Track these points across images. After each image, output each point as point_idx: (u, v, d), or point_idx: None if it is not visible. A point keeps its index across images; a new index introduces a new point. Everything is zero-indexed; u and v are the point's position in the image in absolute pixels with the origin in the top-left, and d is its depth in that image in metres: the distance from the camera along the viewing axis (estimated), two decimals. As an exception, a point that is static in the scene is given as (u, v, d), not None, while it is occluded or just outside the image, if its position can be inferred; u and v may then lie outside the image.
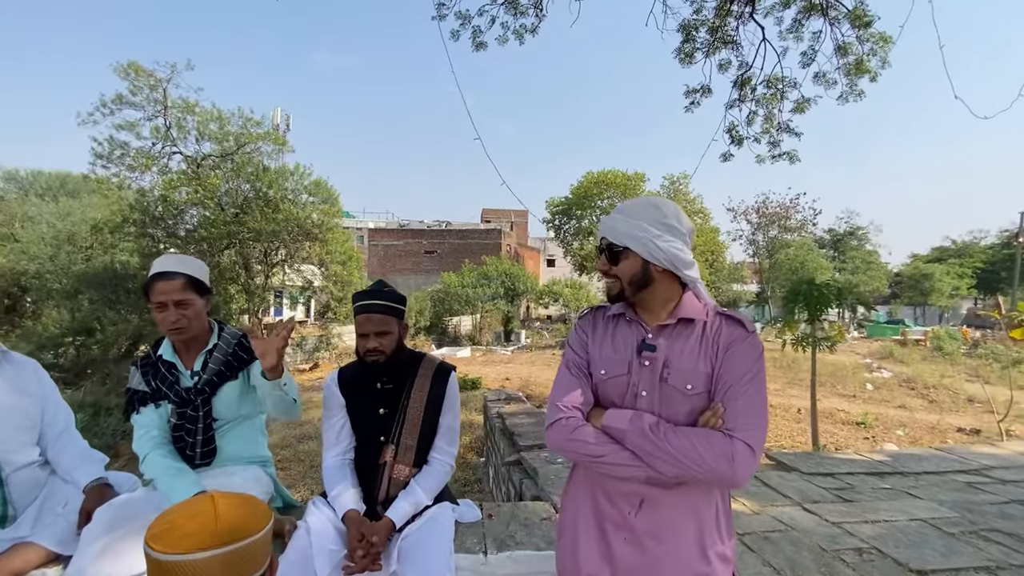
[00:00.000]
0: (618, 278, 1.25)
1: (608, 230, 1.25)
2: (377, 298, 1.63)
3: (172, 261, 1.71)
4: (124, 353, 13.50)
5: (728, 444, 1.09)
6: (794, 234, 35.61)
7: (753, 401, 1.14)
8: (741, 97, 8.23)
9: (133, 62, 11.91)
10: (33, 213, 16.88)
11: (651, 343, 1.23)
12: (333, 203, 15.60)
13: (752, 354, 1.19)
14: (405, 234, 36.53)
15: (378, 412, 1.68)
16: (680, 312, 1.24)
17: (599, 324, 1.34)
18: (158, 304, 1.64)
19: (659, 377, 1.20)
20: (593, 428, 1.20)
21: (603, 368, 1.26)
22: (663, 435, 1.12)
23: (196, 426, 1.67)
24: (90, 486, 1.61)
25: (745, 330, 1.21)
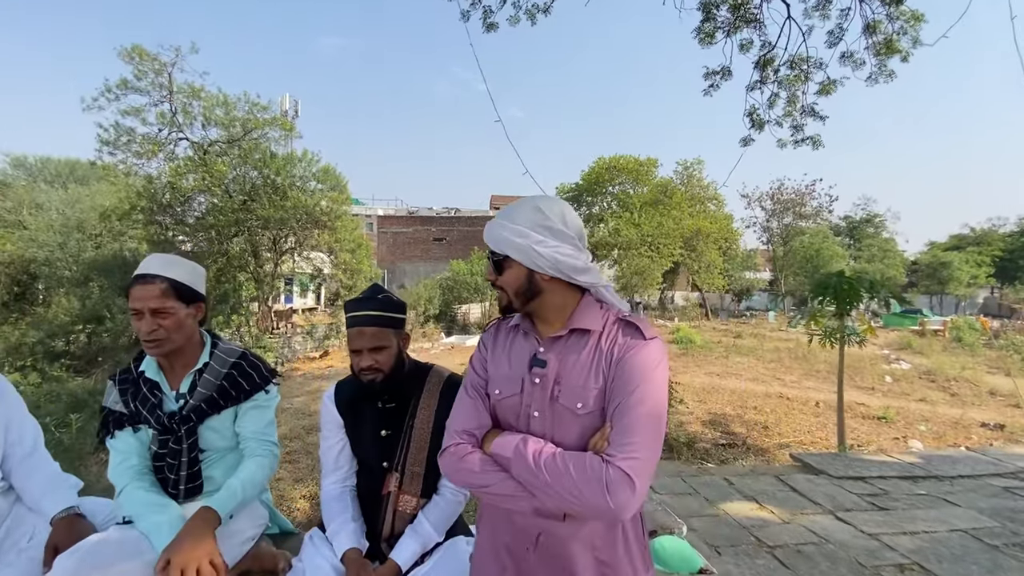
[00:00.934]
0: (504, 289, 1.13)
1: (489, 237, 1.13)
2: (370, 308, 1.42)
3: (155, 262, 1.49)
4: (134, 341, 13.53)
5: (603, 471, 0.96)
6: (809, 221, 34.95)
7: (640, 420, 1.00)
8: (763, 79, 7.87)
9: (137, 46, 11.73)
10: (42, 200, 16.89)
11: (542, 358, 1.11)
12: (342, 190, 15.42)
13: (646, 364, 1.04)
14: (414, 221, 36.31)
15: (380, 434, 1.49)
16: (575, 321, 1.11)
17: (500, 338, 1.23)
18: (134, 311, 1.43)
19: (550, 396, 1.08)
20: (481, 456, 1.10)
21: (498, 387, 1.16)
22: (543, 464, 1.00)
23: (179, 459, 1.47)
24: (59, 517, 1.40)
25: (642, 336, 1.07)
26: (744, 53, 7.74)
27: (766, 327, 24.51)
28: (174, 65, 12.06)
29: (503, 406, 1.15)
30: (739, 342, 17.09)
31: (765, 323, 26.78)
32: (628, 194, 30.74)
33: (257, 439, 1.55)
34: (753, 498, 3.29)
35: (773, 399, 8.99)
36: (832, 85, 7.56)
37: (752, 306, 36.64)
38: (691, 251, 29.09)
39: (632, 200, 29.72)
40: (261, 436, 1.56)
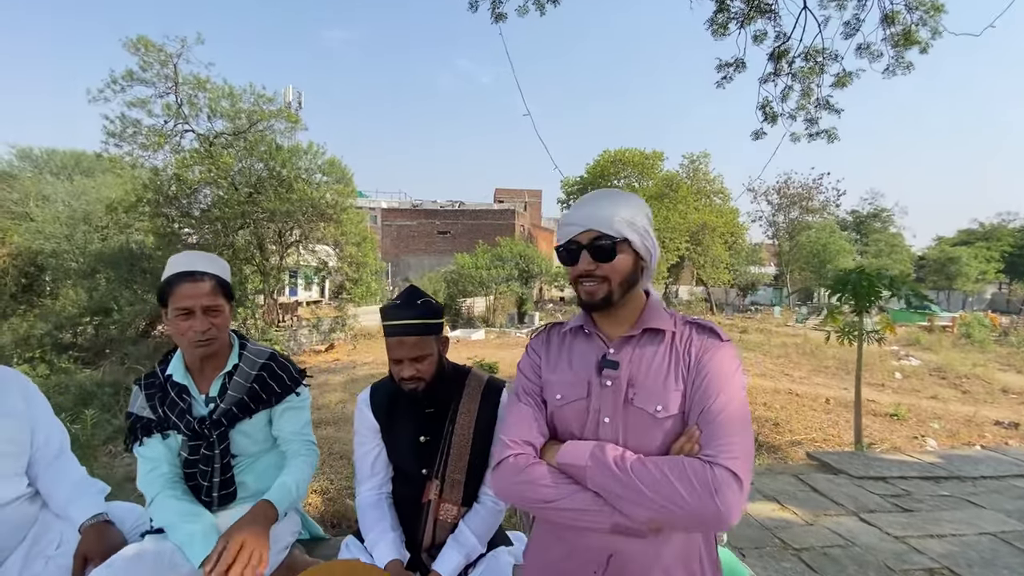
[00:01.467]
0: (607, 279, 1.04)
1: (596, 220, 1.03)
2: (410, 316, 1.34)
3: (199, 258, 1.43)
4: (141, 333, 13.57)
5: (708, 473, 0.90)
6: (816, 215, 34.73)
7: (734, 420, 0.96)
8: (777, 71, 7.75)
9: (143, 36, 11.63)
10: (48, 192, 16.88)
11: (612, 359, 1.05)
12: (347, 183, 15.33)
13: (729, 365, 1.02)
14: (418, 214, 36.22)
15: (418, 440, 1.43)
16: (646, 321, 1.07)
17: (553, 343, 1.18)
18: (183, 311, 1.37)
19: (623, 399, 1.03)
20: (547, 467, 1.01)
21: (559, 392, 1.08)
22: (630, 469, 0.93)
23: (212, 466, 1.41)
24: (87, 524, 1.35)
25: (718, 338, 1.05)
26: (758, 44, 7.60)
27: (772, 322, 24.39)
28: (180, 56, 11.97)
29: (565, 412, 1.07)
30: (745, 337, 17.01)
31: (771, 318, 26.66)
32: (634, 187, 30.56)
33: (298, 439, 1.51)
34: (774, 498, 3.24)
35: (782, 395, 8.93)
36: (848, 77, 7.44)
37: (757, 301, 36.51)
38: (696, 245, 28.95)
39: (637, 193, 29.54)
40: (301, 436, 1.52)
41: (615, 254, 1.03)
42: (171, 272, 1.41)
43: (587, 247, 1.04)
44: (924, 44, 6.89)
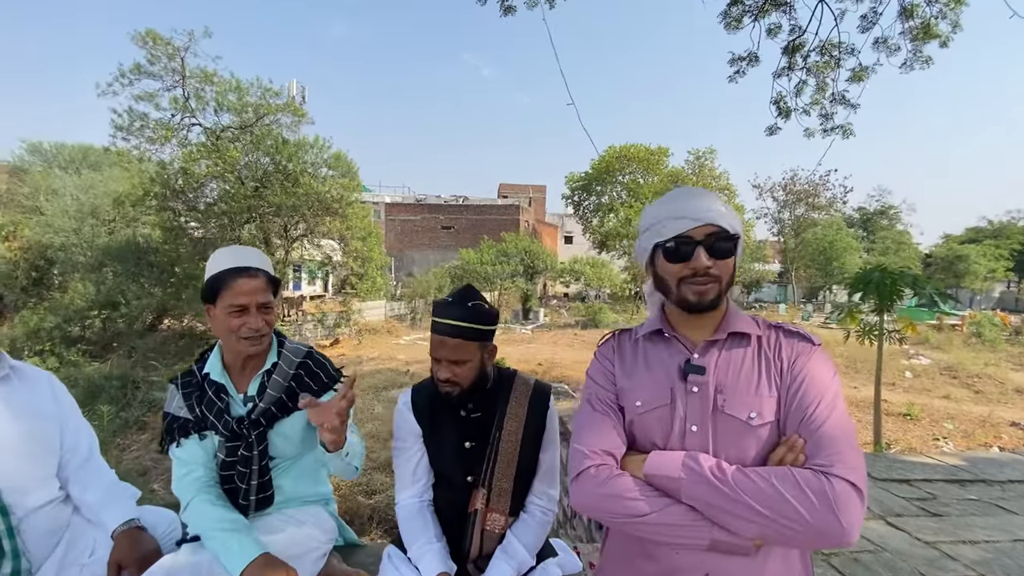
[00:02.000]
0: (718, 279, 0.98)
1: (717, 215, 0.98)
2: (456, 317, 1.27)
3: (250, 254, 1.38)
4: (148, 327, 13.58)
5: (826, 485, 0.83)
6: (822, 212, 34.46)
7: (839, 428, 0.90)
8: (791, 65, 7.64)
9: (151, 30, 11.59)
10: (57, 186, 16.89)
11: (698, 364, 0.99)
12: (353, 177, 15.29)
13: (826, 371, 0.97)
14: (422, 209, 36.14)
15: (463, 446, 1.37)
16: (731, 325, 1.01)
17: (626, 349, 1.11)
18: (237, 308, 1.31)
19: (712, 406, 0.97)
20: (632, 479, 0.94)
21: (638, 399, 1.02)
22: (732, 481, 0.86)
23: (250, 468, 1.36)
24: (120, 530, 1.30)
25: (810, 342, 1.00)
26: (772, 38, 7.50)
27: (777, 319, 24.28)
28: (187, 49, 11.93)
29: (647, 420, 1.01)
30: (753, 335, 16.94)
31: (776, 315, 26.58)
32: (638, 183, 30.41)
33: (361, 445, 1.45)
34: (797, 501, 3.19)
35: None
36: (864, 72, 7.31)
37: (761, 298, 36.37)
38: (702, 242, 28.80)
39: (642, 190, 29.40)
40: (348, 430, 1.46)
41: (733, 252, 0.99)
42: (222, 267, 1.34)
43: (703, 243, 0.97)
44: (944, 37, 6.77)
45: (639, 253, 1.09)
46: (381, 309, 20.71)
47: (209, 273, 1.35)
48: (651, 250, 1.04)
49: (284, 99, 13.61)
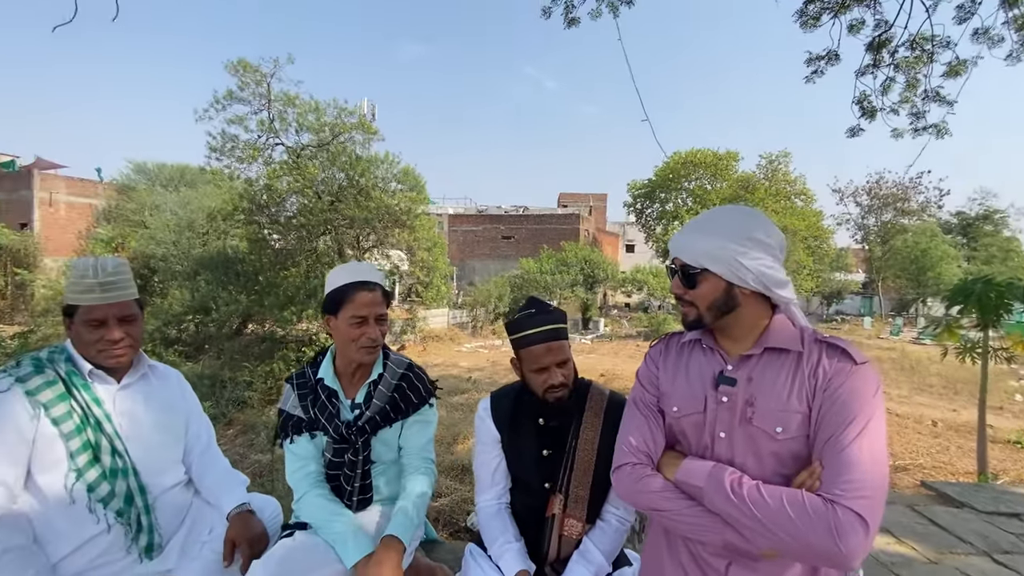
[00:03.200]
0: (694, 304, 1.08)
1: (680, 249, 1.09)
2: (551, 322, 1.35)
3: (368, 269, 1.49)
4: (235, 331, 14.73)
5: (830, 514, 0.87)
6: (913, 218, 31.64)
7: (864, 455, 0.91)
8: (876, 62, 7.15)
9: (242, 59, 12.70)
10: (159, 202, 18.83)
11: (730, 376, 1.06)
12: (420, 191, 15.92)
13: (863, 392, 0.96)
14: (483, 219, 36.82)
15: (541, 453, 1.42)
16: (768, 340, 1.05)
17: (672, 353, 1.19)
18: (358, 319, 1.43)
19: (740, 417, 1.03)
20: (663, 481, 1.06)
21: (675, 404, 1.12)
22: (747, 496, 0.94)
23: (355, 471, 1.48)
24: (234, 512, 1.46)
25: (851, 360, 1.00)
26: (854, 35, 7.05)
27: (861, 333, 22.50)
28: (272, 75, 12.94)
29: (682, 425, 1.11)
30: (832, 349, 15.79)
31: (860, 329, 24.63)
32: (705, 190, 29.38)
33: (419, 456, 1.54)
34: (887, 530, 2.96)
35: (880, 415, 8.19)
36: (962, 66, 6.71)
37: (843, 310, 33.83)
38: (775, 250, 27.29)
39: (710, 196, 28.37)
40: (423, 452, 1.55)
41: (696, 283, 1.07)
42: (344, 282, 1.45)
43: (678, 272, 1.10)
44: (1059, 24, 6.09)
45: None
46: (444, 317, 21.28)
47: (330, 287, 1.46)
48: None
49: (356, 118, 14.43)
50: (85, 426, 1.32)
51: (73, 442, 1.29)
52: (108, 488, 1.32)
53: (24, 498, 1.26)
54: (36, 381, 1.29)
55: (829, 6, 7.09)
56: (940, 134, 7.14)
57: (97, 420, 1.34)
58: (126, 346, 1.39)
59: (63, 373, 1.33)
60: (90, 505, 1.30)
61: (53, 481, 1.27)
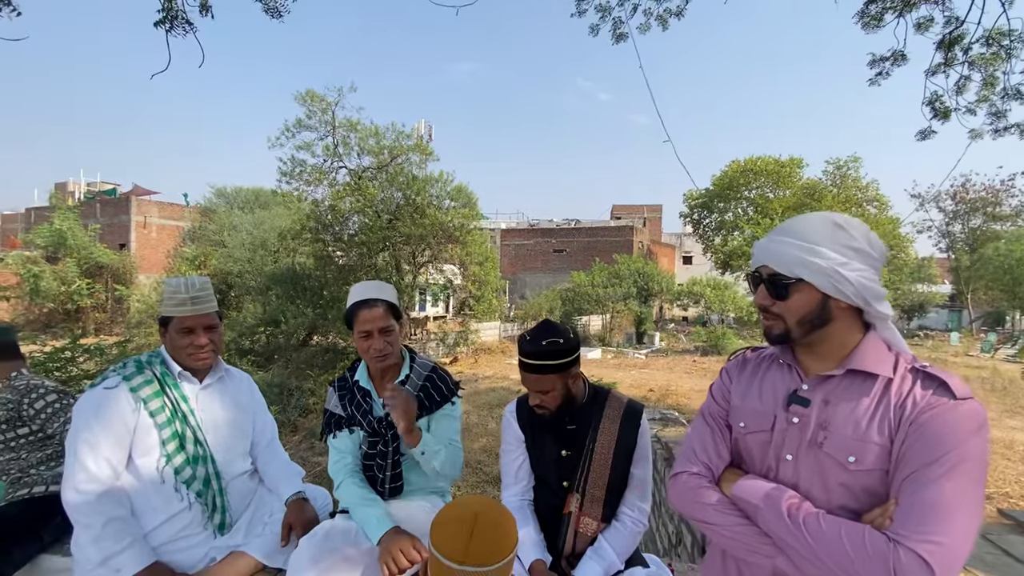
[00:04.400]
0: (781, 317, 0.99)
1: (770, 256, 0.99)
2: (533, 355, 1.43)
3: (371, 288, 1.69)
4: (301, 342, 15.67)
5: (890, 552, 0.80)
6: (1007, 223, 28.73)
7: (946, 498, 0.81)
8: (948, 61, 6.74)
9: (310, 90, 13.77)
10: (236, 223, 20.48)
11: (804, 396, 1.00)
12: (472, 207, 16.40)
13: (958, 430, 0.85)
14: (535, 233, 37.13)
15: (560, 453, 1.53)
16: (854, 360, 0.96)
17: (748, 368, 1.14)
18: (364, 333, 1.62)
19: (811, 441, 0.97)
20: (719, 495, 1.03)
21: (743, 420, 1.08)
22: (802, 522, 0.89)
23: (386, 461, 1.66)
24: (291, 499, 1.68)
25: (950, 394, 0.88)
26: (922, 33, 6.69)
27: (947, 350, 20.60)
28: (337, 103, 13.92)
29: (748, 442, 1.07)
30: (911, 367, 14.58)
31: (946, 346, 22.54)
32: (767, 198, 28.16)
33: (448, 444, 1.70)
34: (952, 559, 2.78)
35: (964, 439, 7.50)
36: (1048, 60, 6.21)
37: (927, 325, 31.10)
38: (846, 261, 25.59)
39: (772, 205, 27.15)
40: (451, 441, 1.72)
41: (789, 293, 0.98)
42: (352, 301, 1.66)
43: (765, 281, 1.01)
44: None
45: None
46: (496, 330, 21.59)
47: (347, 304, 1.69)
48: None
49: (413, 140, 15.18)
50: (174, 418, 1.57)
51: (164, 431, 1.54)
52: (191, 472, 1.56)
53: (125, 477, 1.51)
54: (138, 380, 1.55)
55: (892, 5, 6.78)
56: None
57: (184, 414, 1.59)
58: (210, 350, 1.64)
59: (158, 374, 1.59)
60: (176, 485, 1.54)
61: (148, 463, 1.52)
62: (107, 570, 1.39)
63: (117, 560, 1.39)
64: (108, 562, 1.39)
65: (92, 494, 1.41)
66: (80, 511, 1.40)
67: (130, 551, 1.41)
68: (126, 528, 1.44)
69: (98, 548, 1.38)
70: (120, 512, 1.44)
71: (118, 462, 1.48)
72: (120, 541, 1.40)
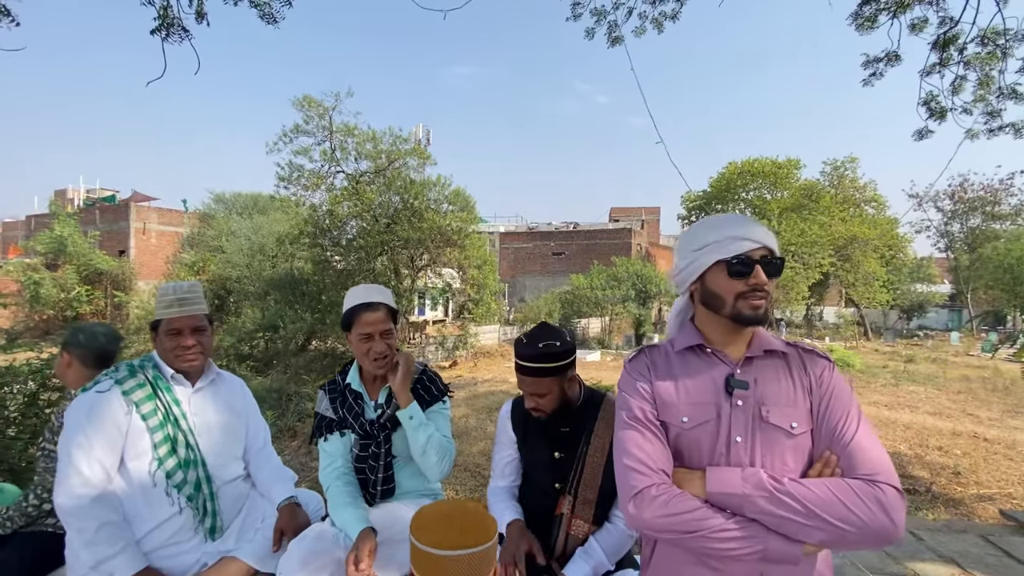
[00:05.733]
0: (768, 296, 1.08)
1: (770, 239, 1.10)
2: (528, 358, 1.43)
3: (372, 291, 1.69)
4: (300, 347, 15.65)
5: (879, 493, 0.93)
6: (1006, 222, 28.79)
7: (869, 439, 1.00)
8: (943, 61, 6.74)
9: (307, 95, 13.79)
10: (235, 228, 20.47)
11: (741, 378, 1.07)
12: (470, 211, 16.42)
13: (847, 387, 1.08)
14: (534, 236, 37.15)
15: (553, 455, 1.53)
16: (763, 343, 1.11)
17: (660, 364, 1.16)
18: (364, 335, 1.62)
19: (755, 416, 1.05)
20: (695, 499, 0.99)
21: (684, 414, 1.08)
22: (791, 491, 0.94)
23: (378, 463, 1.66)
24: (283, 504, 1.67)
25: (826, 358, 1.11)
26: (916, 34, 6.71)
27: (948, 350, 20.59)
28: (334, 109, 13.96)
29: (694, 435, 1.07)
30: (912, 367, 14.59)
31: (946, 345, 22.54)
32: (764, 199, 28.24)
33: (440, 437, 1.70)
34: (952, 559, 2.77)
35: (964, 439, 7.48)
36: (1042, 59, 6.24)
37: (927, 325, 31.10)
38: (844, 261, 25.68)
39: (770, 206, 27.21)
40: (443, 435, 1.71)
41: (780, 272, 1.10)
42: (353, 303, 1.65)
43: (760, 263, 1.07)
44: None
45: (689, 270, 1.14)
46: (495, 333, 21.56)
47: (344, 309, 1.68)
48: (708, 266, 1.09)
49: (411, 144, 15.21)
50: (167, 422, 1.56)
51: (156, 435, 1.53)
52: (182, 476, 1.54)
53: (117, 481, 1.50)
54: (130, 383, 1.54)
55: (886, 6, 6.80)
56: (1020, 133, 6.61)
57: (176, 417, 1.58)
58: (197, 352, 1.62)
59: (150, 377, 1.58)
60: (167, 489, 1.52)
61: (139, 467, 1.51)
62: (100, 574, 1.38)
63: (110, 564, 1.38)
64: (101, 566, 1.38)
65: (86, 498, 1.40)
66: (74, 515, 1.39)
67: (123, 555, 1.40)
68: (119, 533, 1.43)
69: (91, 552, 1.37)
70: (113, 517, 1.44)
71: (111, 466, 1.47)
72: (113, 545, 1.40)
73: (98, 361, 1.85)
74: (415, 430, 1.60)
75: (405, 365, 1.61)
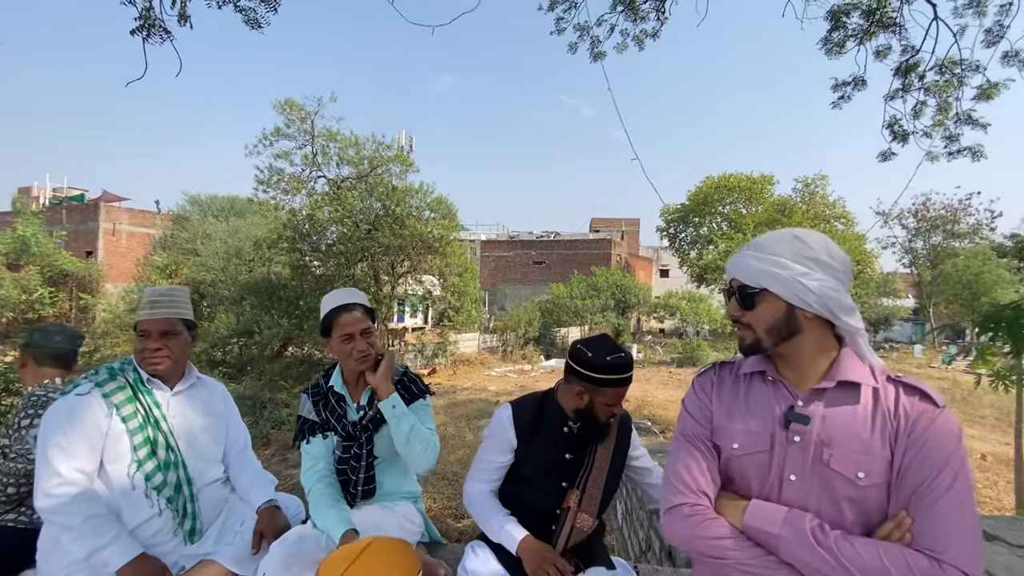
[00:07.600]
0: (751, 327, 1.02)
1: (739, 269, 1.03)
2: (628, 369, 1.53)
3: (348, 294, 1.73)
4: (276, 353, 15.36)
5: (935, 570, 0.81)
6: (965, 240, 30.10)
7: (960, 508, 0.85)
8: (905, 86, 7.12)
9: (289, 99, 13.67)
10: (211, 231, 20.05)
11: (802, 412, 0.97)
12: (452, 218, 16.44)
13: (951, 438, 0.89)
14: (515, 245, 37.31)
15: (564, 456, 1.57)
16: (839, 373, 0.97)
17: (726, 384, 1.09)
18: (345, 336, 1.66)
19: (814, 458, 0.95)
20: (729, 527, 0.96)
21: (736, 441, 1.02)
22: (835, 547, 0.86)
23: (360, 463, 1.69)
24: (263, 507, 1.69)
25: (933, 402, 0.93)
26: (881, 60, 7.07)
27: (911, 362, 21.40)
28: (316, 113, 13.87)
29: (744, 464, 1.01)
30: (877, 378, 15.08)
31: (910, 358, 23.41)
32: (740, 214, 28.94)
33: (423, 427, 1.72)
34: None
35: (925, 447, 7.80)
36: (994, 89, 6.64)
37: (892, 337, 32.19)
38: (815, 275, 26.37)
39: (745, 220, 27.91)
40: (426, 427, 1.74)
41: (755, 303, 1.01)
42: (331, 307, 1.70)
43: (735, 293, 1.04)
44: (1094, 45, 5.96)
45: None
46: (475, 341, 21.53)
47: (322, 314, 1.73)
48: None
49: (394, 150, 15.19)
50: (146, 424, 1.57)
51: (136, 437, 1.54)
52: (161, 478, 1.55)
53: (97, 483, 1.50)
54: (110, 386, 1.55)
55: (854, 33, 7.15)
56: (976, 157, 7.01)
57: (156, 420, 1.59)
58: (163, 356, 1.60)
59: (130, 380, 1.59)
60: (146, 491, 1.53)
61: (119, 470, 1.51)
62: (93, 566, 1.37)
63: (103, 554, 1.38)
64: (93, 557, 1.37)
65: (66, 496, 1.40)
66: (56, 512, 1.38)
67: (115, 545, 1.40)
68: (107, 523, 1.43)
69: (81, 545, 1.37)
70: (98, 509, 1.43)
71: (91, 467, 1.47)
72: (102, 536, 1.39)
73: (54, 360, 1.88)
74: (398, 420, 1.62)
75: (387, 360, 1.67)
